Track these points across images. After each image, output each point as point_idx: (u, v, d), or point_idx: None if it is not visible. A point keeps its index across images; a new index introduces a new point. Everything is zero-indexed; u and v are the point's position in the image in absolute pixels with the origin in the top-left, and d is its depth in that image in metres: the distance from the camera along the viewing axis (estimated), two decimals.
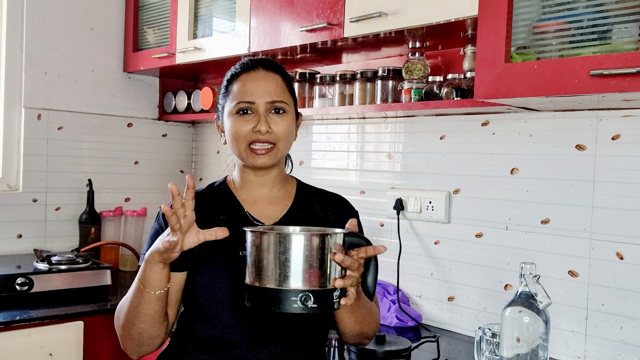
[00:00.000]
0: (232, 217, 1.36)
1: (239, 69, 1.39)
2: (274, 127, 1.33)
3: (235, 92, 1.36)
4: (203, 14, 2.46)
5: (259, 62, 1.38)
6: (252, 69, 1.37)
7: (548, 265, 1.75)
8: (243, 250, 1.21)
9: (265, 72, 1.37)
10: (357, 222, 1.25)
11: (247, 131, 1.33)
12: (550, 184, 1.76)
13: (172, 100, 2.89)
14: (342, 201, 1.48)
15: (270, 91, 1.35)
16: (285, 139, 1.36)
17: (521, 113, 1.81)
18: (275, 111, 1.35)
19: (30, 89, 2.57)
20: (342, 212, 1.44)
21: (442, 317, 2.03)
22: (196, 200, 1.26)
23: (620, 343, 1.62)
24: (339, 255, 1.10)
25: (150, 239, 1.37)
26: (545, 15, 1.41)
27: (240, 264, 1.24)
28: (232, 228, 1.26)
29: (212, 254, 1.32)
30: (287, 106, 1.37)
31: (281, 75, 1.40)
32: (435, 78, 1.86)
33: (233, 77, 1.39)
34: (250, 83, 1.35)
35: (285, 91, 1.38)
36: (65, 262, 2.21)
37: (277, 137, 1.34)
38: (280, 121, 1.35)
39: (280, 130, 1.34)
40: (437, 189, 2.04)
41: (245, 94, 1.34)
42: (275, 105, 1.35)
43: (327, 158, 2.43)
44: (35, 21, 2.57)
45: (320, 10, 1.92)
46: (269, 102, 1.34)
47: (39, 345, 1.93)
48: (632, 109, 1.60)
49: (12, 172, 2.57)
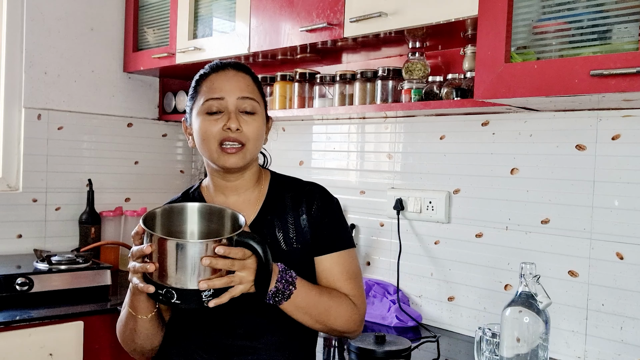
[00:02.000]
0: None
1: (208, 70, 1.37)
2: (244, 127, 1.31)
3: (204, 91, 1.34)
4: (203, 14, 2.46)
5: (228, 64, 1.37)
6: (222, 69, 1.36)
7: (548, 265, 1.75)
8: None
9: (235, 71, 1.36)
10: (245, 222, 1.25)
11: (217, 130, 1.30)
12: (550, 184, 1.76)
13: (172, 100, 2.89)
14: (314, 192, 1.42)
15: (241, 88, 1.33)
16: (255, 140, 1.34)
17: (521, 113, 1.81)
18: (246, 112, 1.33)
19: (30, 89, 2.57)
20: (313, 203, 1.39)
21: (442, 317, 2.03)
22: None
23: (620, 343, 1.62)
24: (206, 260, 1.13)
25: None
26: (545, 15, 1.41)
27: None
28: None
29: None
30: (257, 106, 1.35)
31: (251, 76, 1.38)
32: (435, 78, 1.86)
33: (202, 77, 1.37)
34: (219, 81, 1.34)
35: (255, 91, 1.36)
36: (65, 262, 2.21)
37: (247, 137, 1.31)
38: (250, 121, 1.32)
39: (251, 131, 1.32)
40: (437, 189, 2.04)
41: (214, 91, 1.32)
42: (246, 103, 1.32)
43: (327, 158, 2.43)
44: (35, 21, 2.57)
45: (320, 10, 1.92)
46: (239, 97, 1.32)
47: (39, 345, 1.93)
48: (632, 109, 1.60)
49: (12, 172, 2.57)
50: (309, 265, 1.37)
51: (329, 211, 1.39)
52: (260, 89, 1.39)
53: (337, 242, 1.38)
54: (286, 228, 1.36)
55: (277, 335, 1.33)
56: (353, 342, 1.67)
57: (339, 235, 1.39)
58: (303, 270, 1.33)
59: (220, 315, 1.30)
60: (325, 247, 1.37)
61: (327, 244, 1.37)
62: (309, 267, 1.37)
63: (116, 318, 1.38)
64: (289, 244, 1.35)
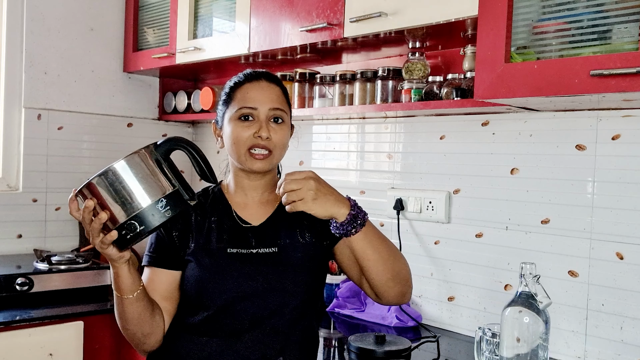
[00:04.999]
0: (222, 219, 1.43)
1: (243, 78, 1.45)
2: (272, 135, 1.39)
3: (239, 99, 1.41)
4: (203, 14, 2.46)
5: (261, 74, 1.45)
6: (256, 79, 1.44)
7: (548, 265, 1.75)
8: (231, 248, 1.37)
9: (267, 83, 1.44)
10: None
11: (247, 136, 1.38)
12: (550, 184, 1.76)
13: (172, 100, 2.89)
14: None
15: (273, 99, 1.41)
16: (282, 147, 1.42)
17: (521, 113, 1.81)
18: (275, 120, 1.40)
19: (30, 89, 2.57)
20: None
21: (442, 317, 2.03)
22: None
23: (620, 343, 1.62)
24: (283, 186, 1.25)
25: (152, 244, 1.43)
26: (545, 15, 1.41)
27: (228, 260, 1.36)
28: (222, 229, 1.40)
29: (202, 252, 1.38)
30: (285, 116, 1.43)
31: (281, 88, 1.46)
32: (435, 78, 1.86)
33: (237, 85, 1.44)
34: (253, 91, 1.42)
35: (284, 102, 1.45)
36: (65, 262, 2.21)
37: (275, 145, 1.39)
38: (278, 130, 1.40)
39: (278, 139, 1.40)
40: (437, 189, 2.04)
41: (248, 101, 1.40)
42: (276, 114, 1.40)
43: (327, 158, 2.43)
44: (35, 21, 2.57)
45: (320, 10, 1.92)
46: (271, 108, 1.40)
47: (39, 345, 1.93)
48: (632, 109, 1.60)
49: (12, 172, 2.57)
50: (321, 259, 1.44)
51: None
52: (288, 99, 1.48)
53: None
54: (302, 224, 1.43)
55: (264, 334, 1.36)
56: (353, 342, 1.67)
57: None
58: (315, 263, 1.42)
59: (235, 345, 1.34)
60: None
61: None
62: (322, 262, 1.44)
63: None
64: (304, 237, 1.42)
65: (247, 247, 1.39)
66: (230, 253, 1.37)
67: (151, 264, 1.41)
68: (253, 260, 1.37)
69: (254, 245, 1.40)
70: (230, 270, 1.36)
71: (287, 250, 1.40)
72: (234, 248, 1.38)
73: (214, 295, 1.35)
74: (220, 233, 1.40)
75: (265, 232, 1.42)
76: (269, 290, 1.36)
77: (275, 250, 1.40)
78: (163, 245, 1.41)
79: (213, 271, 1.36)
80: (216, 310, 1.35)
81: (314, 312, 1.45)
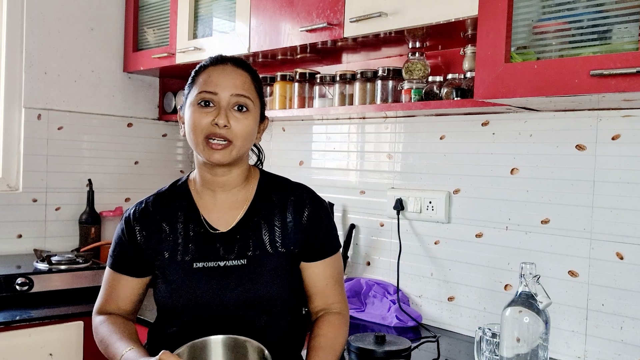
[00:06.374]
0: (189, 224, 1.36)
1: (208, 62, 1.36)
2: (233, 124, 1.29)
3: (200, 82, 1.33)
4: (203, 14, 2.46)
5: (229, 58, 1.36)
6: (221, 63, 1.35)
7: (548, 265, 1.75)
8: (197, 262, 1.31)
9: (234, 67, 1.34)
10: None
11: (205, 123, 1.29)
12: (550, 184, 1.76)
13: (172, 100, 2.89)
14: (303, 197, 1.41)
15: (237, 85, 1.31)
16: (244, 138, 1.31)
17: (521, 113, 1.81)
18: (238, 108, 1.31)
19: (30, 89, 2.57)
20: (303, 210, 1.39)
21: (442, 317, 2.03)
22: (156, 203, 1.37)
23: (620, 343, 1.62)
24: None
25: (116, 247, 1.40)
26: (545, 15, 1.41)
27: (194, 276, 1.30)
28: (188, 237, 1.34)
29: (168, 267, 1.34)
30: (251, 104, 1.32)
31: (250, 74, 1.36)
32: (435, 78, 1.86)
33: (201, 69, 1.36)
34: (216, 75, 1.32)
35: (251, 89, 1.34)
36: (65, 262, 2.21)
37: (235, 135, 1.29)
38: (241, 119, 1.30)
39: (239, 129, 1.30)
40: (437, 189, 2.04)
41: (209, 84, 1.31)
42: (239, 101, 1.30)
43: (327, 158, 2.43)
44: (35, 21, 2.57)
45: (320, 10, 1.92)
46: (232, 94, 1.30)
47: (39, 345, 1.93)
48: (632, 109, 1.60)
49: (12, 172, 2.57)
50: (293, 269, 1.38)
51: (320, 218, 1.40)
52: (258, 88, 1.38)
53: (327, 248, 1.41)
54: (272, 231, 1.36)
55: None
56: (353, 342, 1.67)
57: (330, 241, 1.42)
58: (287, 274, 1.35)
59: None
60: (317, 254, 1.39)
61: (318, 251, 1.39)
62: (293, 271, 1.38)
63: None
64: (274, 247, 1.35)
65: (215, 259, 1.32)
66: (197, 268, 1.31)
67: (115, 268, 1.39)
68: (221, 273, 1.31)
69: (222, 255, 1.33)
70: (195, 288, 1.30)
71: (256, 263, 1.32)
72: (200, 262, 1.32)
73: (182, 311, 1.31)
74: (186, 243, 1.33)
75: (234, 240, 1.34)
76: (239, 307, 1.30)
77: (244, 263, 1.32)
78: (124, 250, 1.37)
79: (179, 288, 1.31)
80: (185, 325, 1.32)
81: (290, 325, 1.38)
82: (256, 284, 1.31)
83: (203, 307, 1.30)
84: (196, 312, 1.31)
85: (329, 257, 1.40)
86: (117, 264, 1.39)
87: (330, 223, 1.44)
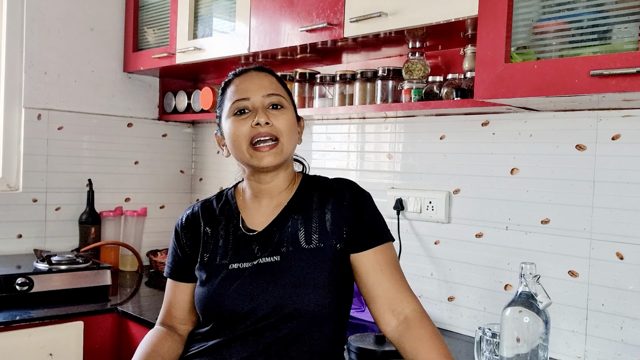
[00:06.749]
0: (229, 228, 1.37)
1: (231, 76, 1.39)
2: (273, 121, 1.28)
3: (229, 94, 1.34)
4: (203, 14, 2.46)
5: (250, 68, 1.39)
6: (245, 72, 1.37)
7: (548, 265, 1.75)
8: (233, 264, 1.31)
9: (257, 72, 1.37)
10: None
11: (246, 129, 1.28)
12: (550, 184, 1.76)
13: (172, 100, 2.89)
14: (343, 189, 1.38)
15: (265, 86, 1.32)
16: (288, 133, 1.30)
17: (521, 113, 1.81)
18: (273, 107, 1.31)
19: (30, 89, 2.57)
20: (343, 200, 1.35)
21: (442, 317, 2.03)
22: (202, 209, 1.40)
23: (620, 343, 1.62)
24: None
25: (170, 255, 1.45)
26: (545, 15, 1.41)
27: (228, 278, 1.30)
28: (228, 241, 1.35)
29: (205, 268, 1.35)
30: (284, 101, 1.33)
31: (274, 76, 1.39)
32: (435, 78, 1.86)
33: (226, 84, 1.39)
34: (243, 82, 1.34)
35: (280, 87, 1.36)
36: (65, 262, 2.21)
37: (279, 131, 1.29)
38: (279, 115, 1.30)
39: (282, 124, 1.29)
40: (437, 189, 2.04)
41: (239, 92, 1.32)
42: (272, 100, 1.31)
43: (327, 158, 2.43)
44: (35, 21, 2.57)
45: (320, 10, 1.92)
46: (264, 95, 1.31)
47: (39, 345, 1.93)
48: (632, 109, 1.60)
49: (12, 172, 2.57)
50: (334, 266, 1.31)
51: (360, 206, 1.35)
52: (286, 87, 1.38)
53: (375, 237, 1.34)
54: (309, 227, 1.32)
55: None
56: (353, 342, 1.67)
57: (377, 229, 1.35)
58: (324, 270, 1.29)
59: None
60: (364, 243, 1.32)
61: (365, 240, 1.33)
62: (334, 268, 1.31)
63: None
64: (309, 242, 1.31)
65: (251, 259, 1.31)
66: (232, 269, 1.30)
67: (169, 275, 1.43)
68: (254, 272, 1.29)
69: (257, 254, 1.31)
70: (227, 289, 1.29)
71: (289, 259, 1.29)
72: (235, 263, 1.31)
73: (213, 313, 1.32)
74: (226, 245, 1.34)
75: (270, 238, 1.33)
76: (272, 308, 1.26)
77: (277, 259, 1.29)
78: (175, 256, 1.41)
79: (212, 290, 1.31)
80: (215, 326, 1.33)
81: (333, 332, 1.31)
82: (285, 285, 1.26)
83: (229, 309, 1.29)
84: (227, 315, 1.29)
85: (379, 245, 1.32)
86: (170, 271, 1.43)
87: (374, 211, 1.37)
